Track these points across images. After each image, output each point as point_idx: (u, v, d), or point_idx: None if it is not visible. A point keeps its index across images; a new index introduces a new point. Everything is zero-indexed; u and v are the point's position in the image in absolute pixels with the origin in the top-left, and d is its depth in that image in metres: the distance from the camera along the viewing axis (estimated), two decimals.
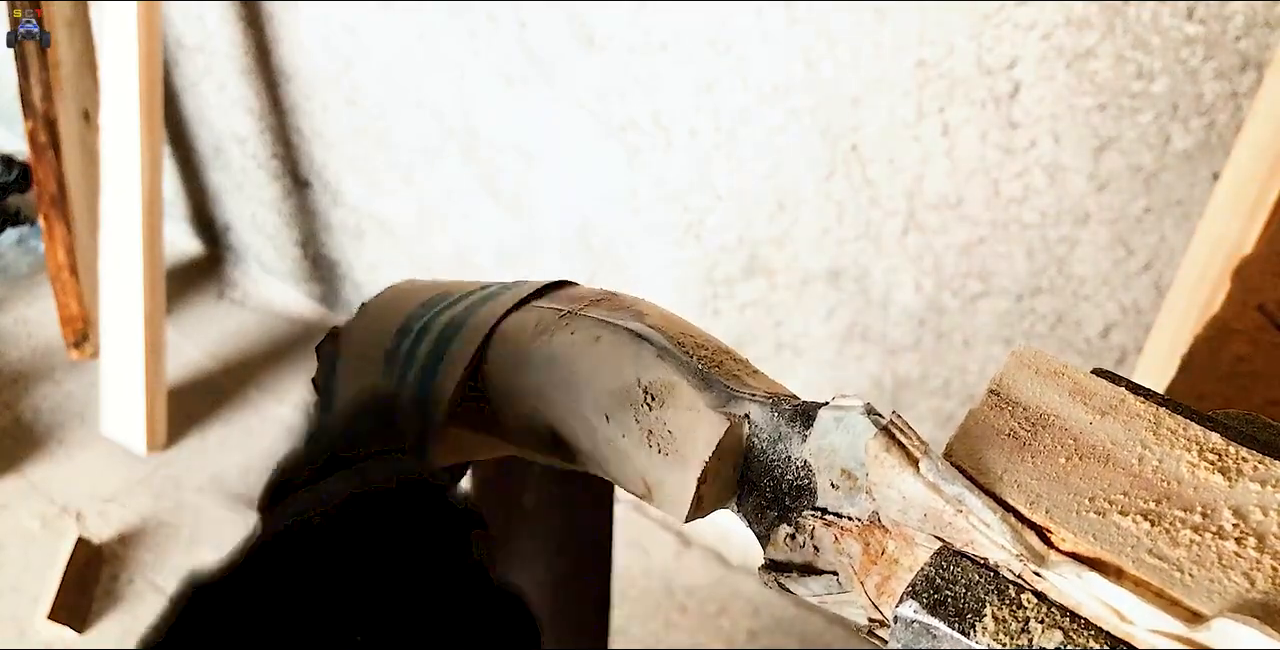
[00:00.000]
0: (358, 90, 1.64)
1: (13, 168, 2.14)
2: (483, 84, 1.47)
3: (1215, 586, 0.35)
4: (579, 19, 1.30)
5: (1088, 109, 1.03)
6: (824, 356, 1.41)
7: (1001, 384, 0.43)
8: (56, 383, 1.91)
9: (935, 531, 0.39)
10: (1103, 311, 1.16)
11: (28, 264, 2.15)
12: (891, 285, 1.28)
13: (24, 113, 1.71)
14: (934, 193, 1.17)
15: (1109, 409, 0.42)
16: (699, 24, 1.21)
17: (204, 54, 1.80)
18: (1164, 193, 1.04)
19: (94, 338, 1.89)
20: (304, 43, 1.65)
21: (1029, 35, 1.01)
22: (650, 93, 1.31)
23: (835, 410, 0.44)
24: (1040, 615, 0.36)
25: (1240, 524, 0.37)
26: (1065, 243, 1.13)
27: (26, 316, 2.04)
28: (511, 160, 1.53)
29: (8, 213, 2.17)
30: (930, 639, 0.36)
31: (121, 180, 1.67)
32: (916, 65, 1.09)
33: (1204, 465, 0.40)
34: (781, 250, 1.34)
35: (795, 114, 1.21)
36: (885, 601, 0.42)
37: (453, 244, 1.73)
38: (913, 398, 1.38)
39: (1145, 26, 0.95)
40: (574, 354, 0.51)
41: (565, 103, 1.40)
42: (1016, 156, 1.10)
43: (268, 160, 1.89)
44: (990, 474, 0.39)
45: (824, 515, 0.44)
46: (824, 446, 0.44)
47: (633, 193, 1.42)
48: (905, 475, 0.39)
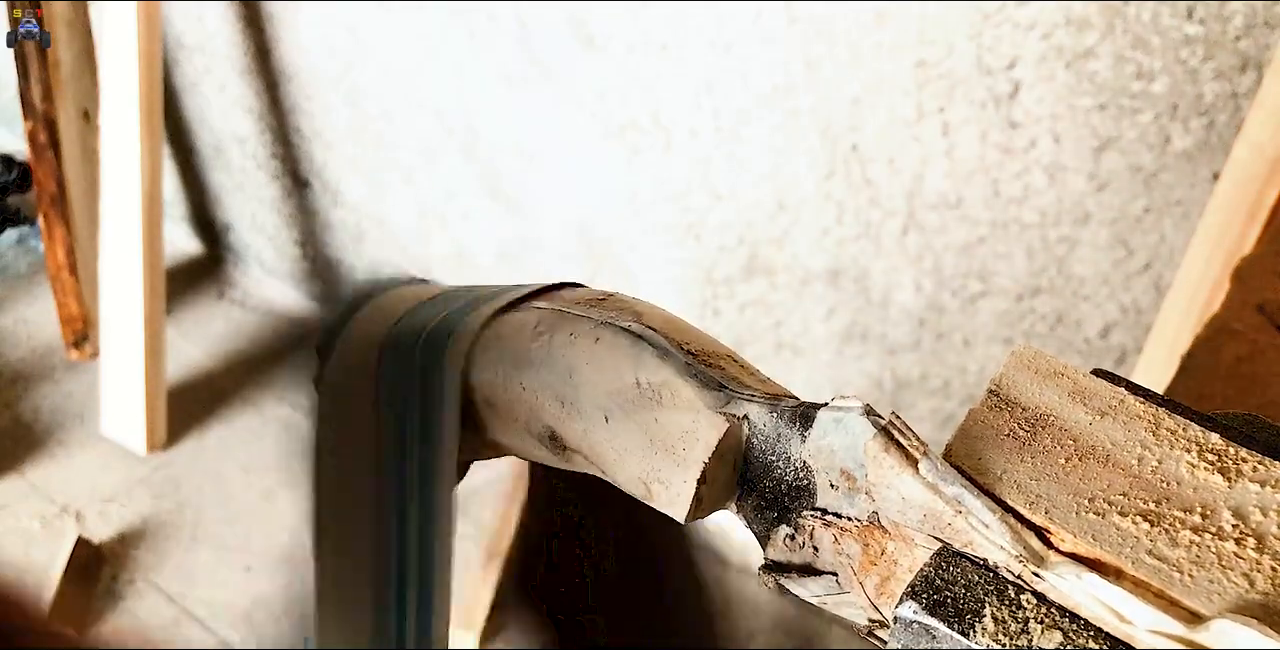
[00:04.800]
0: (358, 90, 1.64)
1: (13, 168, 2.14)
2: (483, 84, 1.47)
3: (1215, 587, 0.35)
4: (579, 19, 1.30)
5: (1088, 109, 1.03)
6: (824, 356, 1.41)
7: (1001, 384, 0.43)
8: (56, 383, 1.91)
9: (935, 532, 0.39)
10: (1103, 311, 1.16)
11: (28, 264, 2.15)
12: (891, 285, 1.28)
13: (24, 113, 1.71)
14: (934, 193, 1.17)
15: (1108, 409, 0.42)
16: (699, 24, 1.21)
17: (204, 54, 1.80)
18: (1164, 193, 1.04)
19: (94, 338, 1.89)
20: (304, 43, 1.65)
21: (1029, 35, 1.01)
22: (650, 93, 1.31)
23: (834, 411, 0.44)
24: (1040, 616, 0.36)
25: (1240, 525, 0.37)
26: (1065, 243, 1.13)
27: (26, 316, 2.04)
28: (511, 160, 1.53)
29: (8, 213, 2.16)
30: (930, 640, 0.36)
31: (121, 180, 1.67)
32: (916, 65, 1.09)
33: (1204, 466, 0.40)
34: (781, 250, 1.34)
35: (795, 114, 1.21)
36: (885, 602, 0.42)
37: (453, 244, 1.73)
38: (913, 398, 1.38)
39: (1145, 26, 0.95)
40: (573, 354, 0.51)
41: (565, 103, 1.40)
42: (1016, 156, 1.10)
43: (268, 160, 1.89)
44: (990, 474, 0.39)
45: (823, 516, 0.44)
46: (823, 447, 0.44)
47: (633, 193, 1.42)
48: (904, 476, 0.39)
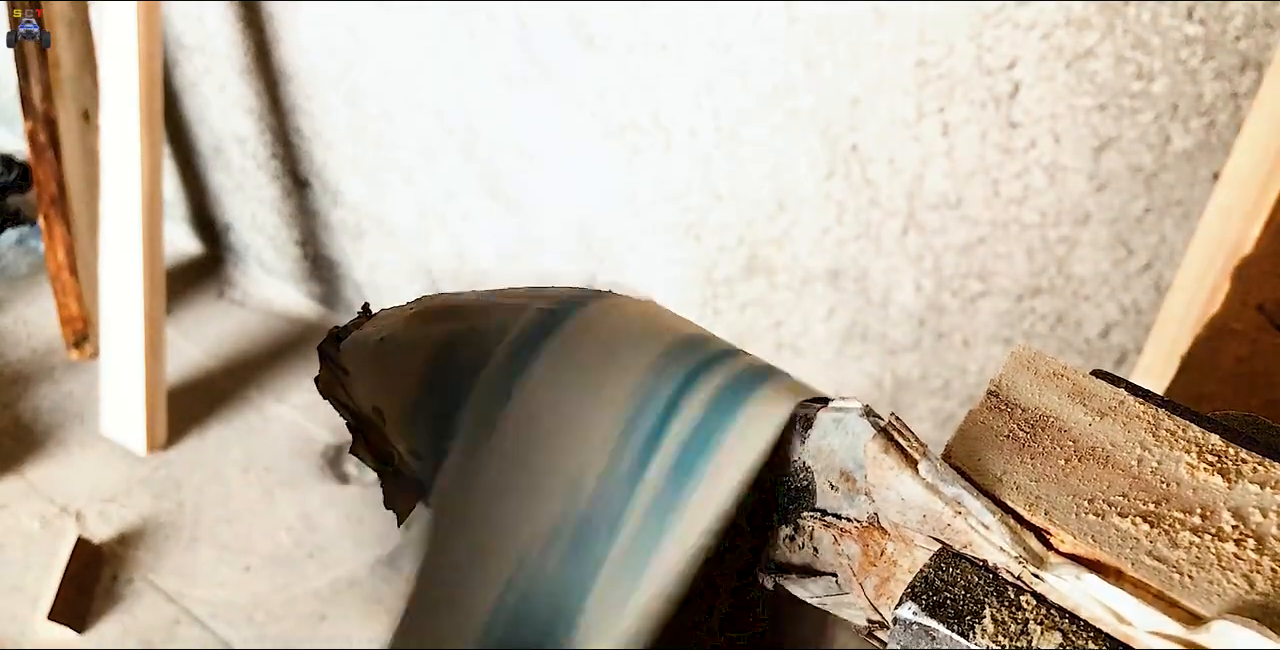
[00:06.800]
0: (358, 90, 1.64)
1: (13, 168, 2.14)
2: (483, 84, 1.47)
3: (1214, 588, 0.35)
4: (579, 19, 1.30)
5: (1088, 109, 1.03)
6: (824, 356, 1.41)
7: (1001, 385, 0.43)
8: (56, 383, 1.91)
9: (934, 533, 0.39)
10: (1103, 311, 1.16)
11: (28, 264, 2.15)
12: (891, 285, 1.28)
13: (24, 113, 1.71)
14: (934, 193, 1.17)
15: (1108, 410, 0.42)
16: (699, 24, 1.21)
17: (204, 54, 1.80)
18: (1164, 193, 1.04)
19: (94, 338, 1.89)
20: (304, 43, 1.65)
21: (1029, 35, 1.01)
22: (650, 93, 1.31)
23: (834, 412, 0.44)
24: (1039, 617, 0.36)
25: (1240, 526, 0.37)
26: (1065, 243, 1.13)
27: (26, 316, 2.04)
28: (511, 160, 1.53)
29: (8, 213, 2.16)
30: (929, 640, 0.36)
31: (121, 180, 1.67)
32: (916, 65, 1.09)
33: (1203, 467, 0.40)
34: (781, 250, 1.34)
35: (795, 114, 1.21)
36: (884, 603, 0.42)
37: (453, 244, 1.73)
38: (912, 398, 1.38)
39: (1145, 26, 0.95)
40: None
41: (565, 103, 1.40)
42: (1016, 156, 1.10)
43: (268, 160, 1.89)
44: (989, 475, 0.39)
45: (823, 516, 0.44)
46: (823, 448, 0.44)
47: (633, 193, 1.42)
48: (904, 477, 0.39)
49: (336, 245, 1.94)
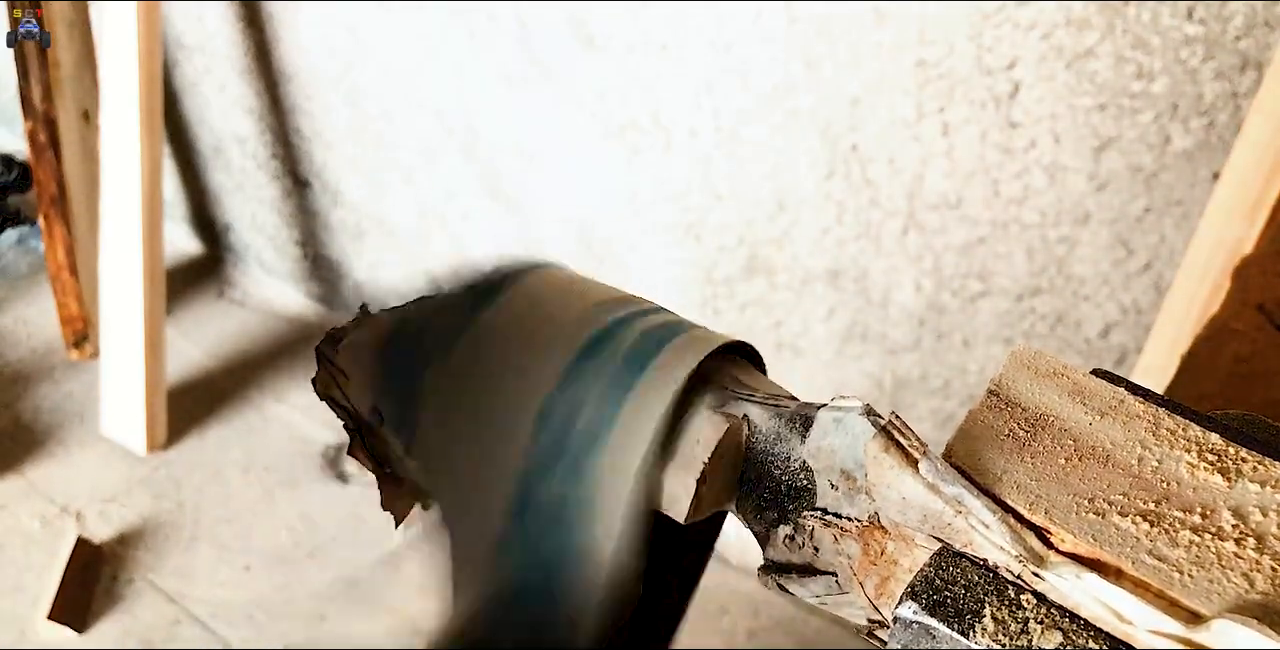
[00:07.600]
0: (358, 90, 1.64)
1: (13, 168, 2.14)
2: (483, 84, 1.47)
3: (1214, 587, 0.35)
4: (579, 19, 1.30)
5: (1088, 109, 1.03)
6: (824, 356, 1.41)
7: (1001, 384, 0.43)
8: (56, 383, 1.91)
9: (934, 532, 0.39)
10: (1103, 311, 1.16)
11: (28, 264, 2.15)
12: (891, 285, 1.28)
13: (24, 113, 1.71)
14: (934, 193, 1.17)
15: (1108, 410, 0.42)
16: (699, 24, 1.21)
17: (204, 54, 1.80)
18: (1164, 193, 1.04)
19: (94, 338, 1.89)
20: (304, 43, 1.65)
21: (1029, 35, 1.01)
22: (650, 93, 1.31)
23: (834, 411, 0.44)
24: (1040, 616, 0.36)
25: (1240, 525, 0.37)
26: (1065, 243, 1.13)
27: (26, 316, 2.04)
28: (511, 160, 1.53)
29: (8, 213, 2.16)
30: (930, 640, 0.36)
31: (121, 180, 1.67)
32: (916, 65, 1.09)
33: (1203, 466, 0.40)
34: (781, 250, 1.34)
35: (795, 114, 1.21)
36: (884, 602, 0.42)
37: (453, 244, 1.73)
38: (912, 398, 1.38)
39: (1145, 26, 0.95)
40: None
41: (565, 103, 1.40)
42: (1016, 156, 1.10)
43: (268, 160, 1.89)
44: (989, 475, 0.39)
45: (823, 516, 0.44)
46: (823, 447, 0.44)
47: (633, 193, 1.42)
48: (904, 476, 0.39)
49: (336, 245, 1.94)
